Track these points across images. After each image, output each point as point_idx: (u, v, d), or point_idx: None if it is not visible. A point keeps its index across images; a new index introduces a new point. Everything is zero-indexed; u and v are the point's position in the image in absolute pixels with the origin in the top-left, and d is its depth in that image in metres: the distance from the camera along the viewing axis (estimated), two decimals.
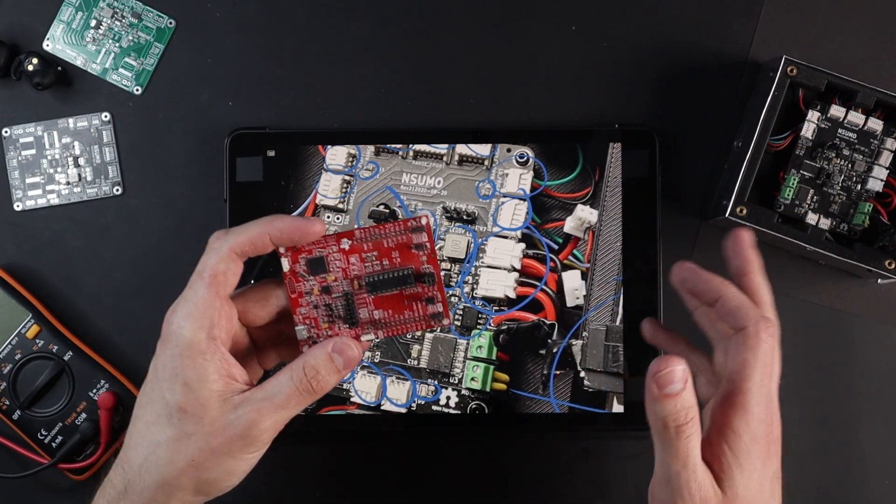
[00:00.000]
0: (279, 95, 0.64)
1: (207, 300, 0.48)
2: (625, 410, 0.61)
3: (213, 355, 0.48)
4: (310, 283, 0.50)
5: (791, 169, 0.60)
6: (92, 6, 0.64)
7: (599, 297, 0.62)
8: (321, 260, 0.49)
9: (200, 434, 0.47)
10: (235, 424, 0.47)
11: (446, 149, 0.63)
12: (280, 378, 0.48)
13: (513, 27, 0.64)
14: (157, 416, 0.48)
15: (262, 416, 0.48)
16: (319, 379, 0.49)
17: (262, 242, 0.49)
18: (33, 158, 0.64)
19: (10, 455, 0.62)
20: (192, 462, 0.48)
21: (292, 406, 0.48)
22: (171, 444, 0.48)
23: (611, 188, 0.62)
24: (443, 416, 0.62)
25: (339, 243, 0.49)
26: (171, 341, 0.48)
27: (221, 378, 0.48)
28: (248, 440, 0.48)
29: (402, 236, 0.49)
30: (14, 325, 0.62)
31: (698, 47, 0.64)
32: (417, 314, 0.50)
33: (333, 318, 0.50)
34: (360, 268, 0.49)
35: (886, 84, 0.61)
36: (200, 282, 0.48)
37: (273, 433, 0.49)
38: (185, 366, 0.48)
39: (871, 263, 0.59)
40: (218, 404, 0.48)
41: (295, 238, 0.49)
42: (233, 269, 0.49)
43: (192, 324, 0.48)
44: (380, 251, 0.49)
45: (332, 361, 0.49)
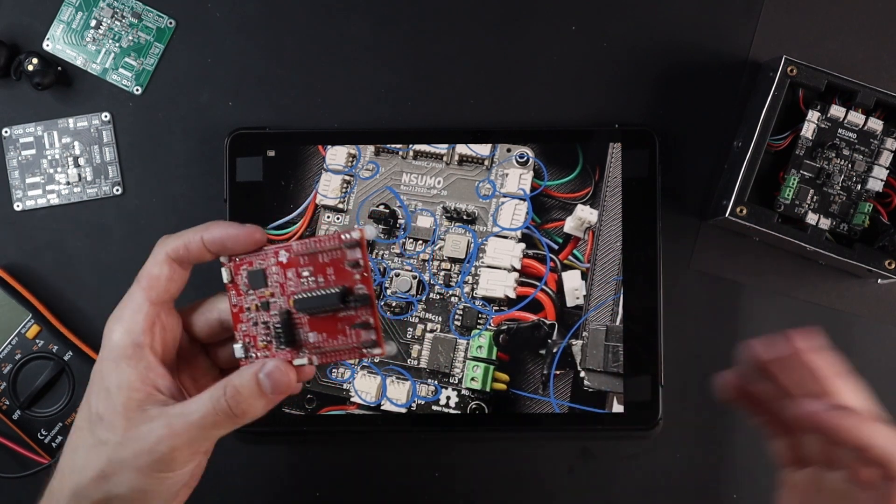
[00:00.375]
0: (279, 95, 0.64)
1: (138, 304, 0.46)
2: (625, 410, 0.61)
3: (137, 362, 0.45)
4: (250, 298, 0.46)
5: (791, 169, 0.60)
6: (92, 6, 0.64)
7: (599, 297, 0.62)
8: (261, 273, 0.46)
9: (112, 444, 0.45)
10: (145, 438, 0.44)
11: (446, 149, 0.63)
12: (202, 396, 0.45)
13: (513, 27, 0.64)
14: (82, 422, 0.46)
15: (173, 433, 0.44)
16: (240, 400, 0.44)
17: (196, 248, 0.46)
18: (33, 158, 0.64)
19: (10, 455, 0.62)
20: (102, 472, 0.45)
21: (209, 428, 0.44)
22: (86, 451, 0.45)
23: (611, 188, 0.62)
24: (443, 416, 0.62)
25: (276, 256, 0.45)
26: (104, 345, 0.46)
27: (144, 387, 0.45)
28: (155, 456, 0.44)
29: (336, 252, 0.44)
30: (14, 325, 0.62)
31: (698, 47, 0.64)
32: (351, 340, 0.44)
33: (270, 338, 0.46)
34: (297, 284, 0.45)
35: (886, 84, 0.61)
36: (136, 286, 0.47)
37: (188, 456, 0.45)
38: (110, 371, 0.45)
39: (871, 263, 0.59)
40: (134, 414, 0.45)
41: (230, 245, 0.46)
42: (167, 275, 0.46)
43: (120, 328, 0.46)
44: (315, 267, 0.44)
45: (257, 385, 0.45)
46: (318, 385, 0.62)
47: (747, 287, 0.63)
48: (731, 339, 0.63)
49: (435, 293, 0.62)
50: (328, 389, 0.62)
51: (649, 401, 0.61)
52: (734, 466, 0.63)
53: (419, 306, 0.62)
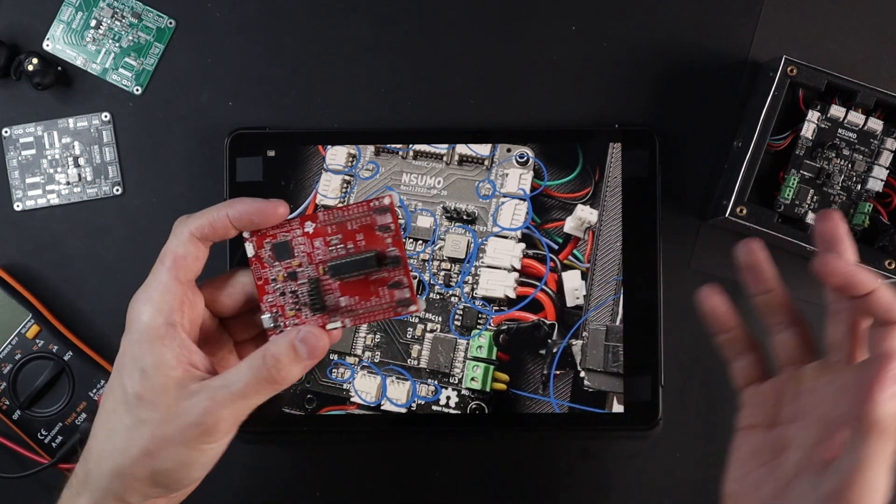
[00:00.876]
0: (279, 95, 0.64)
1: (167, 285, 0.47)
2: (625, 410, 0.61)
3: (171, 341, 0.46)
4: (276, 269, 0.48)
5: (791, 169, 0.60)
6: (92, 6, 0.64)
7: (599, 297, 0.62)
8: (286, 244, 0.48)
9: (155, 421, 0.46)
10: (190, 412, 0.46)
11: (446, 149, 0.63)
12: (240, 367, 0.47)
13: (513, 27, 0.64)
14: (116, 404, 0.47)
15: (217, 404, 0.46)
16: (280, 368, 0.46)
17: (222, 225, 0.47)
18: (33, 158, 0.64)
19: (10, 455, 0.62)
20: (146, 450, 0.46)
21: (251, 395, 0.46)
22: (127, 432, 0.46)
23: (611, 188, 0.62)
24: (443, 416, 0.62)
25: (302, 227, 0.47)
26: (132, 328, 0.47)
27: (180, 365, 0.46)
28: (202, 429, 0.46)
29: (365, 218, 0.47)
30: (14, 325, 0.62)
31: (698, 47, 0.64)
32: (384, 300, 0.47)
33: (300, 306, 0.48)
34: (325, 252, 0.47)
35: (886, 84, 0.61)
36: (161, 266, 0.47)
37: (232, 424, 0.47)
38: (143, 352, 0.46)
39: (871, 263, 0.59)
40: (174, 391, 0.46)
41: (256, 220, 0.47)
42: (193, 253, 0.48)
43: (150, 308, 0.47)
44: (343, 234, 0.47)
45: (294, 351, 0.47)
46: (318, 385, 0.62)
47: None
48: None
49: (435, 293, 0.62)
50: (328, 389, 0.62)
51: (649, 401, 0.61)
52: None
53: None
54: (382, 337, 0.62)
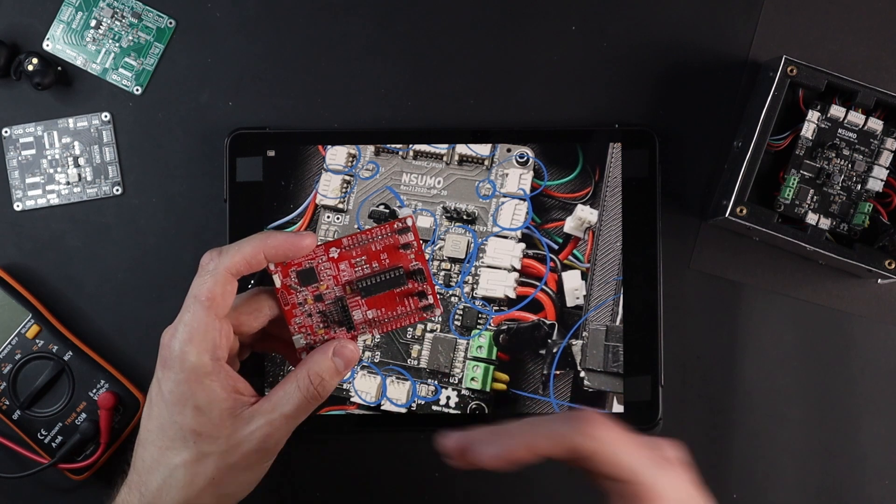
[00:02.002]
0: (279, 95, 0.64)
1: (208, 324, 0.48)
2: (625, 410, 0.61)
3: (218, 375, 0.49)
4: (302, 294, 0.51)
5: (791, 169, 0.60)
6: (92, 6, 0.64)
7: (599, 297, 0.62)
8: (311, 271, 0.50)
9: (217, 453, 0.48)
10: (251, 440, 0.48)
11: (446, 149, 0.63)
12: (287, 388, 0.49)
13: (513, 27, 0.64)
14: (171, 441, 0.49)
15: (274, 428, 0.49)
16: (325, 384, 0.50)
17: (257, 261, 0.49)
18: (33, 158, 0.64)
19: (10, 455, 0.62)
20: (213, 481, 0.49)
21: (302, 414, 0.50)
22: (190, 466, 0.49)
23: (611, 188, 0.62)
24: (443, 416, 0.62)
25: (327, 253, 0.50)
26: (175, 366, 0.48)
27: (230, 396, 0.49)
28: (262, 453, 0.49)
29: (388, 239, 0.50)
30: (14, 325, 0.62)
31: (698, 47, 0.64)
32: (409, 309, 0.51)
33: (329, 323, 0.51)
34: (351, 273, 0.50)
35: (886, 84, 0.61)
36: (198, 306, 0.48)
37: (284, 441, 0.50)
38: (195, 391, 0.48)
39: (871, 263, 0.59)
40: (230, 422, 0.48)
41: (289, 254, 0.49)
42: (229, 291, 0.49)
43: (195, 348, 0.48)
44: (368, 255, 0.50)
45: (334, 366, 0.50)
46: None
47: (747, 287, 0.63)
48: (731, 339, 0.63)
49: None
50: None
51: (649, 401, 0.61)
52: (734, 466, 0.63)
53: None
54: (382, 337, 0.62)
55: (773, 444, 0.63)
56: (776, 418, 0.63)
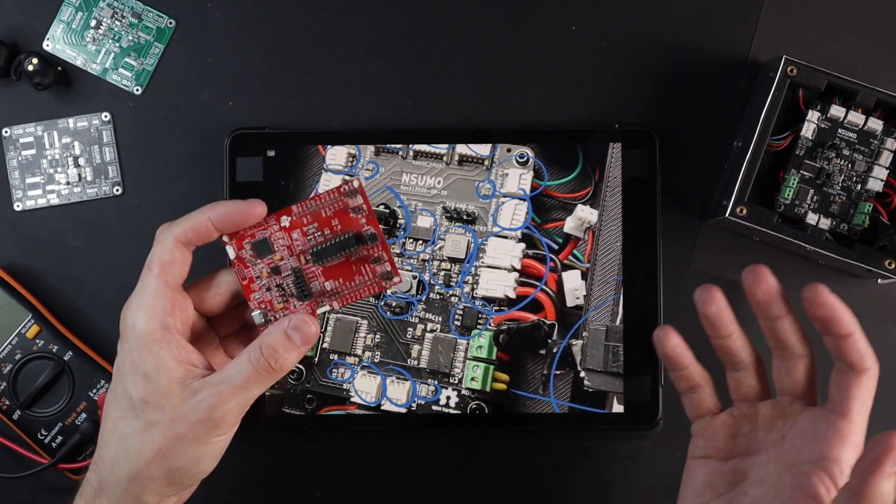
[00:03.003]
0: (279, 95, 0.64)
1: (157, 290, 0.49)
2: (625, 410, 0.61)
3: (168, 344, 0.48)
4: (258, 267, 0.50)
5: (791, 169, 0.60)
6: (92, 6, 0.64)
7: (599, 297, 0.62)
8: (265, 242, 0.50)
9: (164, 422, 0.48)
10: (197, 409, 0.48)
11: (446, 149, 0.63)
12: (239, 360, 0.49)
13: (513, 27, 0.64)
14: (123, 411, 0.49)
15: (222, 399, 0.48)
16: (278, 357, 0.49)
17: (205, 229, 0.50)
18: (33, 158, 0.64)
19: (10, 455, 0.62)
20: (160, 451, 0.48)
21: (253, 387, 0.49)
22: (138, 436, 0.48)
23: (611, 188, 0.62)
24: (443, 416, 0.62)
25: (279, 222, 0.50)
26: (128, 335, 0.49)
27: (180, 365, 0.49)
28: (211, 423, 0.48)
29: (337, 203, 0.49)
30: (14, 325, 0.62)
31: (698, 47, 0.64)
32: (367, 277, 0.50)
33: (287, 297, 0.50)
34: (304, 242, 0.50)
35: (886, 84, 0.61)
36: (149, 274, 0.49)
37: (237, 415, 0.49)
38: (143, 357, 0.48)
39: (871, 263, 0.59)
40: (178, 391, 0.48)
41: (237, 221, 0.50)
42: (179, 259, 0.50)
43: (144, 315, 0.49)
44: (319, 222, 0.50)
45: (289, 339, 0.49)
46: (318, 385, 0.62)
47: None
48: None
49: (435, 293, 0.62)
50: (328, 389, 0.62)
51: (649, 401, 0.61)
52: None
53: (419, 306, 0.62)
54: (382, 337, 0.62)
55: None
56: None
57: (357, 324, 0.62)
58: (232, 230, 0.50)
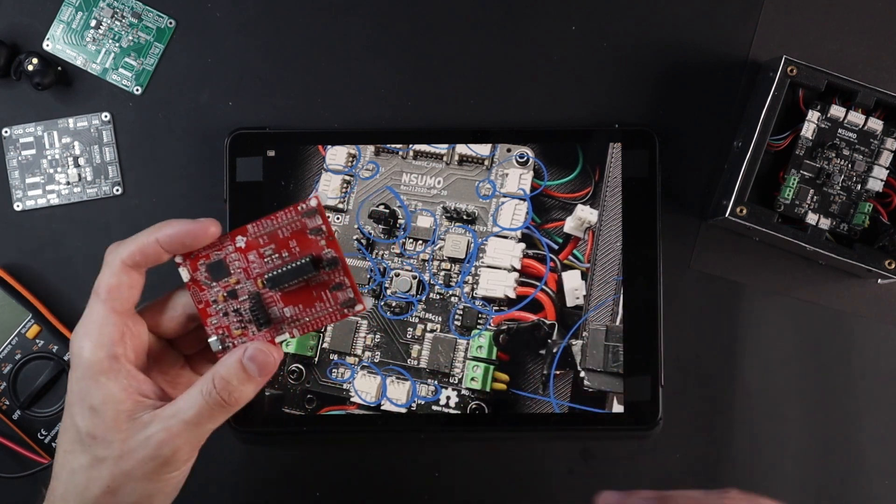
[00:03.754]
0: (279, 95, 0.64)
1: (104, 317, 0.46)
2: (625, 410, 0.61)
3: (116, 374, 0.45)
4: (215, 290, 0.47)
5: (791, 169, 0.60)
6: (92, 6, 0.64)
7: (599, 297, 0.62)
8: (220, 263, 0.47)
9: (112, 458, 0.45)
10: (146, 445, 0.45)
11: (446, 149, 0.63)
12: (191, 392, 0.46)
13: (513, 27, 0.64)
14: (71, 444, 0.46)
15: (172, 434, 0.45)
16: (231, 390, 0.46)
17: (153, 251, 0.46)
18: (33, 158, 0.64)
19: (10, 455, 0.62)
20: (108, 488, 0.45)
21: (206, 422, 0.46)
22: (86, 471, 0.46)
23: (611, 188, 0.62)
24: (443, 416, 0.62)
25: (234, 242, 0.46)
26: (74, 364, 0.46)
27: (129, 397, 0.45)
28: (160, 460, 0.45)
29: (295, 224, 0.46)
30: (14, 325, 0.62)
31: (698, 47, 0.64)
32: (329, 304, 0.46)
33: (245, 323, 0.47)
34: (261, 265, 0.46)
35: (886, 84, 0.61)
36: (96, 299, 0.46)
37: (189, 451, 0.46)
38: (90, 388, 0.45)
39: (871, 263, 0.59)
40: (127, 425, 0.45)
41: (187, 242, 0.46)
42: (126, 282, 0.46)
43: (90, 343, 0.46)
44: (276, 243, 0.46)
45: (243, 370, 0.46)
46: (318, 385, 0.62)
47: (747, 287, 0.63)
48: (731, 339, 0.63)
49: (435, 293, 0.62)
50: (328, 389, 0.62)
51: (649, 401, 0.61)
52: (734, 466, 0.63)
53: (419, 306, 0.62)
54: (382, 337, 0.62)
55: (773, 444, 0.63)
56: (776, 418, 0.63)
57: (357, 324, 0.62)
58: (183, 251, 0.47)
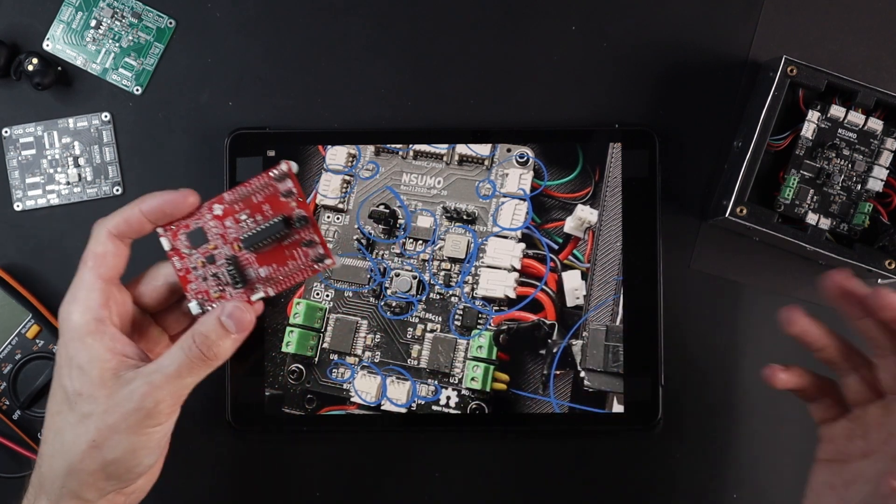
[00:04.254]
0: (279, 95, 0.64)
1: (90, 283, 0.49)
2: (625, 410, 0.61)
3: (102, 335, 0.48)
4: (194, 258, 0.50)
5: (791, 169, 0.60)
6: (92, 6, 0.64)
7: (599, 297, 0.62)
8: (200, 231, 0.50)
9: (97, 413, 0.48)
10: (130, 398, 0.47)
11: (446, 149, 0.63)
12: (172, 349, 0.49)
13: (513, 27, 0.64)
14: (59, 405, 0.49)
15: (154, 387, 0.48)
16: (210, 345, 0.48)
17: (137, 221, 0.50)
18: (33, 158, 0.64)
19: (10, 455, 0.62)
20: (94, 442, 0.48)
21: (186, 375, 0.48)
22: (72, 429, 0.48)
23: (611, 188, 0.62)
24: (443, 416, 0.62)
25: (211, 210, 0.50)
26: (63, 329, 0.49)
27: (114, 356, 0.48)
28: (143, 412, 0.48)
29: (268, 189, 0.49)
30: (14, 325, 0.62)
31: (698, 47, 0.64)
32: (301, 261, 0.50)
33: (223, 286, 0.50)
34: (237, 230, 0.50)
35: (886, 84, 0.61)
36: (83, 267, 0.50)
37: (172, 405, 0.49)
38: (77, 349, 0.48)
39: (871, 263, 0.59)
40: (112, 382, 0.48)
41: (168, 211, 0.50)
42: (112, 251, 0.49)
43: (77, 308, 0.49)
44: (251, 208, 0.49)
45: (222, 326, 0.49)
46: (318, 385, 0.62)
47: (747, 287, 0.63)
48: (731, 339, 0.63)
49: (435, 293, 0.62)
50: (328, 389, 0.62)
51: (649, 401, 0.61)
52: (734, 466, 0.63)
53: (419, 306, 0.62)
54: (382, 337, 0.62)
55: (773, 444, 0.63)
56: (776, 418, 0.63)
57: (357, 324, 0.62)
58: (165, 221, 0.50)
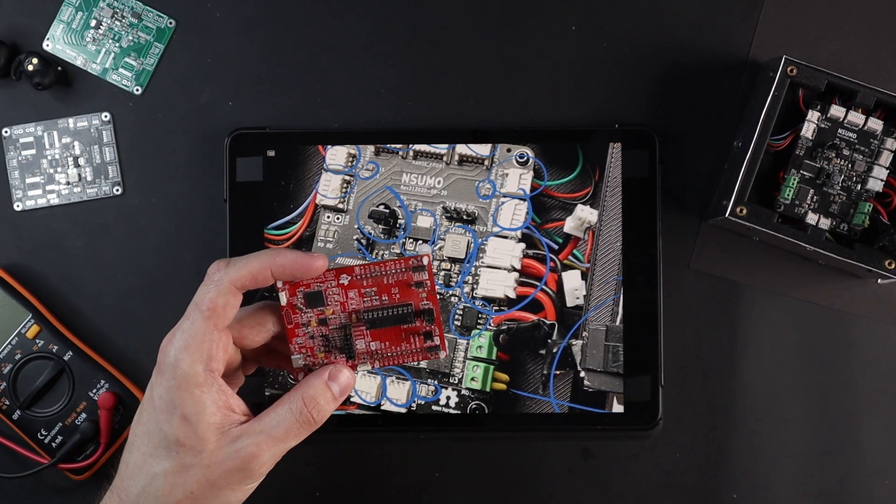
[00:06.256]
0: (279, 95, 0.64)
1: (205, 333, 0.48)
2: (625, 410, 0.61)
3: (210, 388, 0.48)
4: (307, 315, 0.50)
5: (791, 169, 0.60)
6: (92, 6, 0.64)
7: (599, 297, 0.62)
8: (319, 294, 0.49)
9: (199, 467, 0.47)
10: (234, 458, 0.47)
11: (446, 149, 0.63)
12: (279, 410, 0.48)
13: (513, 27, 0.64)
14: (154, 448, 0.48)
15: (261, 449, 0.48)
16: (318, 409, 0.49)
17: (263, 277, 0.48)
18: (33, 158, 0.64)
19: (10, 455, 0.62)
20: (191, 494, 0.48)
21: (292, 439, 0.49)
22: (170, 476, 0.48)
23: (611, 188, 0.62)
24: (443, 416, 0.62)
25: (338, 279, 0.49)
26: (168, 373, 0.48)
27: (220, 410, 0.48)
28: (246, 472, 0.48)
29: (402, 274, 0.49)
30: (14, 325, 0.62)
31: (698, 47, 0.64)
32: (414, 346, 0.50)
33: (330, 348, 0.50)
34: (359, 302, 0.49)
35: (886, 84, 0.61)
36: (198, 315, 0.48)
37: (270, 466, 0.49)
38: (183, 399, 0.47)
39: (871, 263, 0.59)
40: (216, 437, 0.47)
41: (297, 274, 0.49)
42: (232, 303, 0.48)
43: (189, 357, 0.47)
44: (379, 287, 0.49)
45: (328, 389, 0.49)
46: None
47: (747, 287, 0.63)
48: (731, 339, 0.63)
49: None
50: None
51: (649, 401, 0.61)
52: (734, 466, 0.63)
53: None
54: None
55: (773, 444, 0.63)
56: (776, 418, 0.63)
57: None
58: (289, 279, 0.49)
